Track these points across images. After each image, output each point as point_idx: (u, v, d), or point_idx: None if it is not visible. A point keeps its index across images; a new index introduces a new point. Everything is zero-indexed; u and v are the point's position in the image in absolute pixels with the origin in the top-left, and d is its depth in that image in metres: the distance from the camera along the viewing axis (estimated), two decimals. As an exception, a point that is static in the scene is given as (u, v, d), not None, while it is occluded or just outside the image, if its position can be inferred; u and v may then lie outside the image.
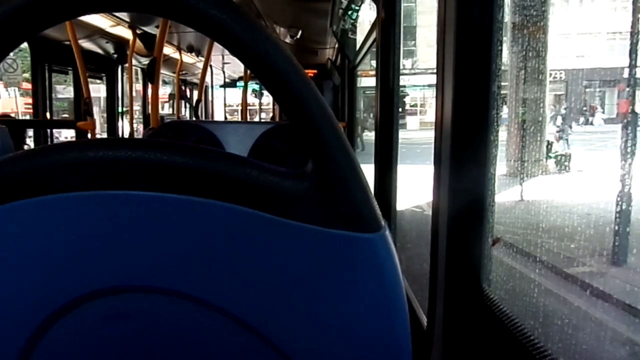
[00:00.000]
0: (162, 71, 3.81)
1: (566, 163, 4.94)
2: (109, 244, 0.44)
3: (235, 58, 0.43)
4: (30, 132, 4.54)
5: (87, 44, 4.36)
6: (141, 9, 0.41)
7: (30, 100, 4.37)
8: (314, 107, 0.43)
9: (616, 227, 2.68)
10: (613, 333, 2.51)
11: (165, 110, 8.34)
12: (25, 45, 4.30)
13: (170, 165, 0.43)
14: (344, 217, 0.44)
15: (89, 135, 3.62)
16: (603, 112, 7.40)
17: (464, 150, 0.90)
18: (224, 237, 0.45)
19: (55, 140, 4.87)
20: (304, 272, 0.46)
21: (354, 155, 0.45)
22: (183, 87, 7.68)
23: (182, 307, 0.47)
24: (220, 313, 0.46)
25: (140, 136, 4.99)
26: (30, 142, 4.53)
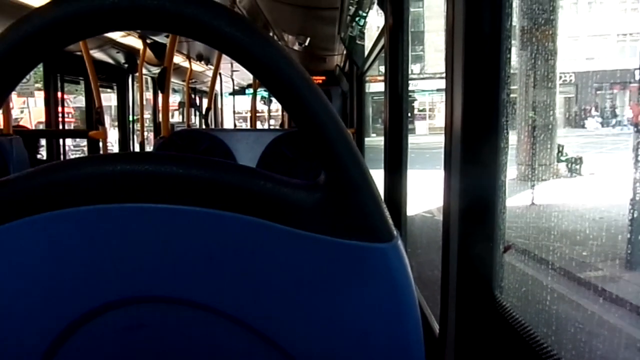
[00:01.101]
0: (172, 80, 3.85)
1: (577, 167, 4.88)
2: (124, 256, 0.45)
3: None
4: (43, 142, 4.61)
5: (98, 54, 4.42)
6: (154, 27, 0.42)
7: (61, 109, 4.43)
8: (325, 119, 0.43)
9: (629, 232, 2.65)
10: (628, 338, 2.47)
11: (176, 118, 8.41)
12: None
13: (185, 178, 0.44)
14: (357, 227, 0.45)
15: (101, 144, 3.67)
16: (598, 116, 7.31)
17: (474, 157, 0.90)
18: (237, 248, 0.45)
19: (67, 148, 4.93)
20: (317, 282, 0.46)
21: (366, 165, 0.45)
22: (193, 96, 7.75)
23: (196, 317, 0.47)
24: (234, 322, 0.47)
25: (152, 144, 5.04)
26: (43, 152, 4.60)
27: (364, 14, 3.35)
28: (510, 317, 0.82)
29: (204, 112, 4.86)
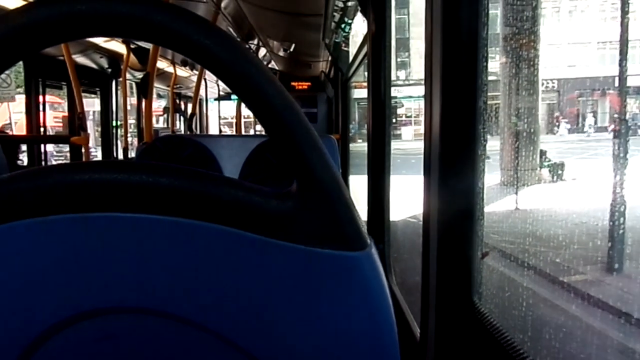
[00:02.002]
0: (156, 85, 3.83)
1: (560, 172, 4.96)
2: (95, 265, 0.45)
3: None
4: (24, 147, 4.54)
5: (81, 59, 4.37)
6: (125, 34, 0.42)
7: (58, 115, 4.38)
8: (295, 126, 0.43)
9: (610, 235, 2.69)
10: (608, 340, 2.51)
11: (160, 123, 8.35)
12: (19, 60, 4.30)
13: (154, 187, 0.43)
14: (330, 236, 0.45)
15: (83, 150, 3.62)
16: (567, 123, 7.48)
17: (453, 164, 0.90)
18: (210, 258, 0.45)
19: (48, 154, 4.86)
20: (291, 291, 0.46)
21: (338, 175, 0.45)
22: (178, 101, 7.70)
23: (170, 328, 0.47)
24: (209, 334, 0.46)
25: (135, 150, 4.99)
26: (24, 157, 4.53)
27: (349, 21, 3.37)
28: (487, 322, 0.82)
29: (188, 117, 4.83)
